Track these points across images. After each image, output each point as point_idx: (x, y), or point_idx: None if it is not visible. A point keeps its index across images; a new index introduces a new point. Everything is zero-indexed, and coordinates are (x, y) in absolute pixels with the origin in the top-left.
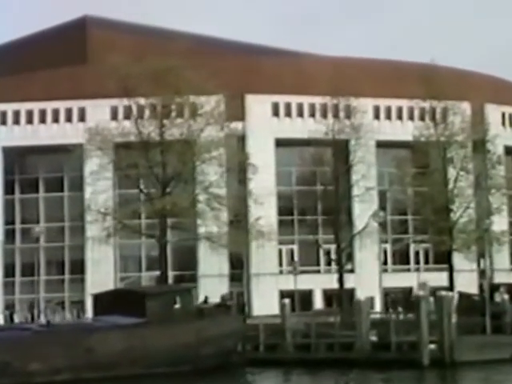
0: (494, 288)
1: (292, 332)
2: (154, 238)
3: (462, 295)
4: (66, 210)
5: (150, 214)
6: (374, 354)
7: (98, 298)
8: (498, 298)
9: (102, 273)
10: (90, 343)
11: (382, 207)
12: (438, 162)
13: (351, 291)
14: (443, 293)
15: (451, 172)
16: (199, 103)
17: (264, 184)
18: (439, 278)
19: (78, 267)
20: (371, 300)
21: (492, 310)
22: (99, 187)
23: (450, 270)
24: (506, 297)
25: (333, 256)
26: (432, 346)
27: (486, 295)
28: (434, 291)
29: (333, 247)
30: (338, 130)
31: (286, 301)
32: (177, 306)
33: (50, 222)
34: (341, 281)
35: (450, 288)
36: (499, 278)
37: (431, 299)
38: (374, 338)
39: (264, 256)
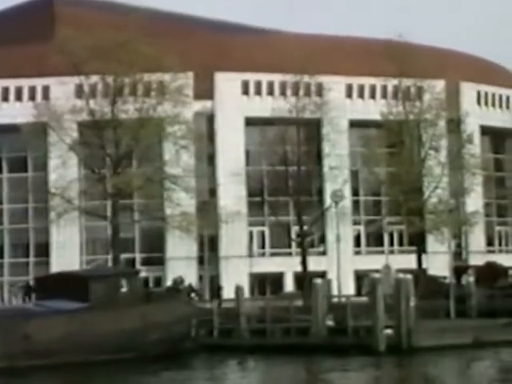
0: (462, 270)
1: (247, 317)
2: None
3: (430, 278)
4: (29, 191)
5: (101, 194)
6: (331, 339)
7: (39, 282)
8: (464, 280)
9: (67, 256)
10: (28, 329)
11: (355, 188)
12: (408, 141)
13: (322, 274)
14: (401, 275)
15: (422, 151)
16: (165, 81)
17: (233, 164)
18: (413, 261)
19: (43, 250)
20: (339, 282)
21: (457, 293)
22: (53, 167)
23: (419, 252)
24: (471, 279)
25: (294, 236)
26: (389, 331)
27: (451, 278)
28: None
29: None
30: (307, 108)
31: (242, 285)
32: (123, 290)
33: (13, 203)
34: (304, 263)
35: (419, 270)
36: (475, 260)
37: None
38: (330, 323)
39: (233, 238)
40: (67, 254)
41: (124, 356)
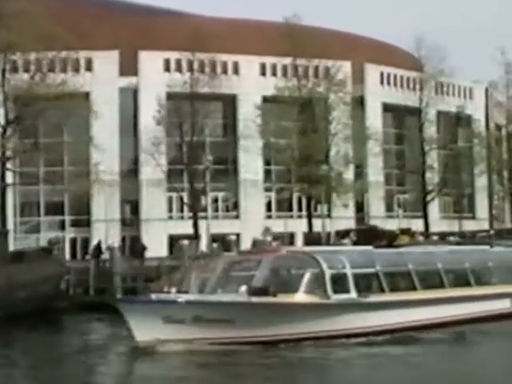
0: (345, 233)
1: (121, 276)
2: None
3: (371, 227)
4: None
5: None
6: None
7: None
8: (346, 242)
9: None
10: None
11: (267, 158)
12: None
13: (237, 235)
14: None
15: (329, 126)
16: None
17: (155, 134)
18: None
19: None
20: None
21: None
22: None
23: (309, 217)
24: (348, 241)
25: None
26: None
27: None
28: None
29: (220, 194)
30: (224, 85)
31: (115, 244)
32: None
33: None
34: (195, 226)
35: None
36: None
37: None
38: None
39: (154, 202)
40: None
41: None
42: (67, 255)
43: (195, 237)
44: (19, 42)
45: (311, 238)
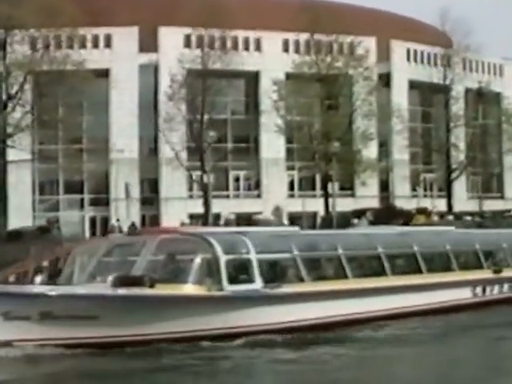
0: (361, 212)
1: None
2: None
3: (390, 205)
4: None
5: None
6: None
7: None
8: (363, 222)
9: (19, 195)
10: None
11: (289, 136)
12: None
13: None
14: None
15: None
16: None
17: (175, 111)
18: (345, 204)
19: None
20: None
21: None
22: None
23: (326, 196)
24: (365, 220)
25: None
26: None
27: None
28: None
29: (242, 173)
30: (243, 62)
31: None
32: None
33: None
34: (206, 204)
35: (326, 212)
36: (400, 204)
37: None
38: None
39: (173, 181)
40: (20, 194)
41: None
42: (87, 234)
43: (206, 216)
44: (32, 19)
45: (328, 219)
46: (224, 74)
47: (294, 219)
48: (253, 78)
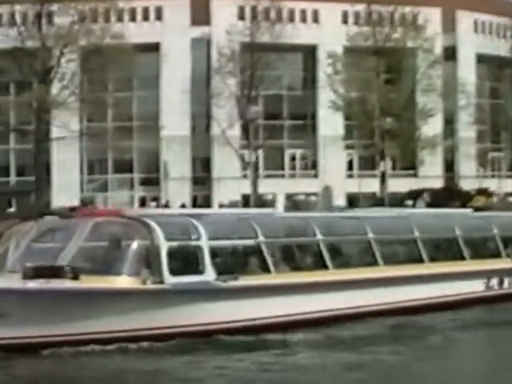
0: (418, 193)
1: None
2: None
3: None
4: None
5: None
6: None
7: None
8: (420, 203)
9: (67, 175)
10: None
11: (347, 113)
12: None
13: (313, 195)
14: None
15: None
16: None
17: (224, 86)
18: (406, 184)
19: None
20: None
21: None
22: None
23: (382, 176)
24: (422, 202)
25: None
26: None
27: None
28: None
29: (298, 152)
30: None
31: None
32: (11, 209)
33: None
34: (255, 185)
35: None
36: (466, 185)
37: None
38: None
39: (226, 160)
40: (68, 173)
41: None
42: None
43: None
44: None
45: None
46: (280, 48)
47: (353, 200)
48: (310, 52)
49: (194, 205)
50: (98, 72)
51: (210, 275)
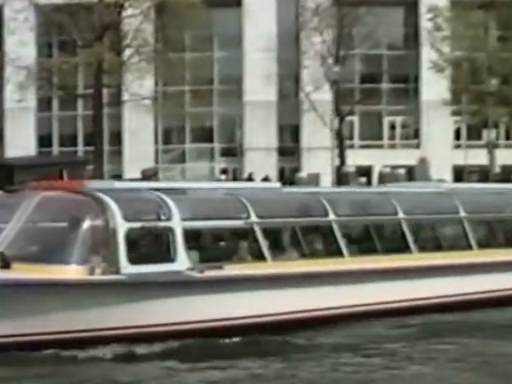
0: None
1: None
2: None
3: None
4: None
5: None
6: None
7: None
8: None
9: (140, 144)
10: None
11: (453, 76)
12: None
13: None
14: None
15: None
16: None
17: (318, 47)
18: None
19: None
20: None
21: None
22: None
23: (491, 147)
24: None
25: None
26: None
27: None
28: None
29: (398, 119)
30: None
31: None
32: None
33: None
34: (342, 156)
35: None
36: None
37: None
38: None
39: (317, 128)
40: (140, 142)
41: None
42: None
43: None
44: None
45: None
46: (377, 2)
47: (461, 174)
48: (412, 5)
49: (281, 178)
50: (171, 30)
51: (182, 264)
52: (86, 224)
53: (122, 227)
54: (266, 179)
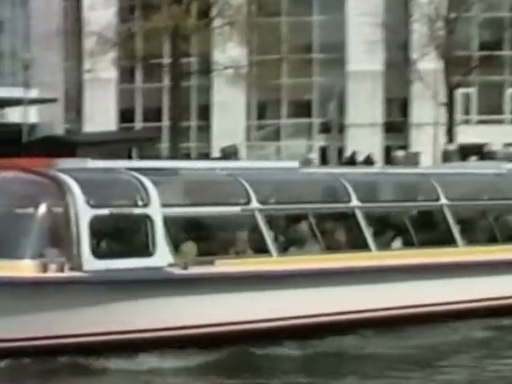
0: None
1: None
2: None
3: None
4: None
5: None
6: None
7: (24, 147)
8: None
9: (229, 119)
10: None
11: None
12: None
13: None
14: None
15: None
16: None
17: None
18: None
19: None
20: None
21: None
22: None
23: None
24: None
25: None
26: None
27: None
28: None
29: None
30: None
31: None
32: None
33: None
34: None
35: None
36: None
37: None
38: None
39: (427, 102)
40: (230, 116)
41: None
42: None
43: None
44: None
45: None
46: None
47: None
48: None
49: (387, 157)
50: None
51: (162, 259)
52: (42, 210)
53: (85, 214)
54: (368, 159)
